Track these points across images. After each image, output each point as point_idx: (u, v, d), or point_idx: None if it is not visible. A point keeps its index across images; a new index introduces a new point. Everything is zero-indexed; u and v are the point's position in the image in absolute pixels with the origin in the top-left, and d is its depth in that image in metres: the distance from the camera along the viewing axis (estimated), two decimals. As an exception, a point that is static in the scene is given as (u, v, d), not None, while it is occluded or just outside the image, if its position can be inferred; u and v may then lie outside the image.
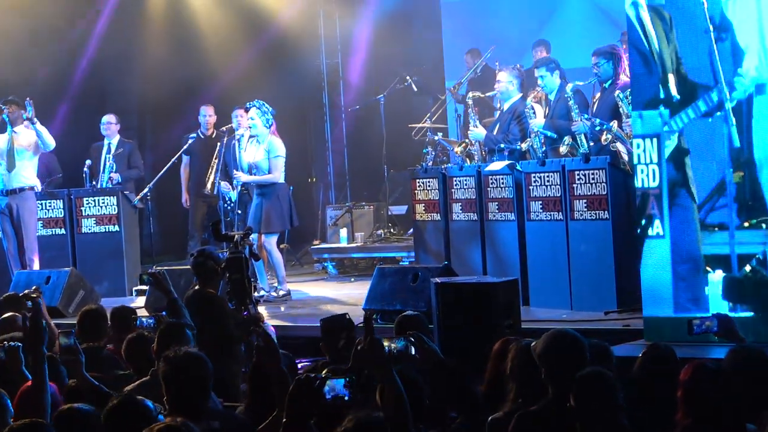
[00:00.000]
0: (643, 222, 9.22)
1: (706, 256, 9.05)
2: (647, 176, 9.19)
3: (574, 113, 11.65)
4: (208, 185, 14.61)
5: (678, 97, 9.01)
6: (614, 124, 11.06)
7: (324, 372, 5.41)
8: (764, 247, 8.82)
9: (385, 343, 5.79)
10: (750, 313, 8.85)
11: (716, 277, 9.00)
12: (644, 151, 9.19)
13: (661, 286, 9.18)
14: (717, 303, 8.93)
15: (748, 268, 8.88)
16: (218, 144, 14.34)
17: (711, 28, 8.87)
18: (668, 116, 9.02)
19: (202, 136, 15.26)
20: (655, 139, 9.15)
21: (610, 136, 11.01)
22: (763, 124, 8.80)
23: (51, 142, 13.54)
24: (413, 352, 6.16)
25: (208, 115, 15.33)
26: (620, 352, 8.65)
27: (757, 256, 8.85)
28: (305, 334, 10.63)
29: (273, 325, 9.81)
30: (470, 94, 13.49)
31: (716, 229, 9.07)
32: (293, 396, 5.19)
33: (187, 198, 15.48)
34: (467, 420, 6.16)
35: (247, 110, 13.15)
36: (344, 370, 5.41)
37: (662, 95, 9.05)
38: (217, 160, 14.38)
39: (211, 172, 14.56)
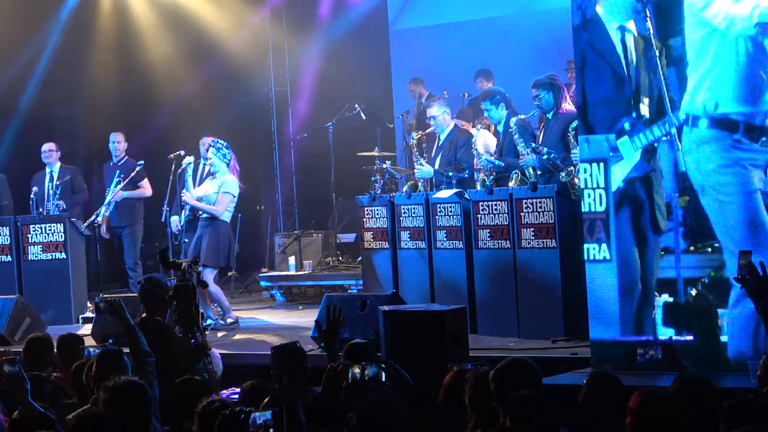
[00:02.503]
0: (590, 246, 9.28)
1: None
2: (594, 200, 9.25)
3: (520, 147, 11.70)
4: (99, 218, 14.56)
5: (647, 117, 9.09)
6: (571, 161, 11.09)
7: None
8: (709, 271, 8.93)
9: (356, 370, 5.85)
10: (691, 338, 8.93)
11: (662, 301, 9.10)
12: (590, 175, 9.26)
13: (607, 310, 9.22)
14: (663, 327, 9.01)
15: (693, 292, 8.98)
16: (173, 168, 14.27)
17: (657, 53, 8.99)
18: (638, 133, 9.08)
19: (111, 165, 15.08)
20: (602, 164, 9.22)
21: (571, 169, 11.02)
22: (694, 153, 8.90)
23: None
24: (384, 379, 6.20)
25: (116, 141, 15.03)
26: (567, 380, 8.72)
27: (702, 280, 8.94)
28: (253, 362, 10.59)
29: (220, 353, 9.78)
30: (414, 133, 13.53)
31: (663, 253, 9.16)
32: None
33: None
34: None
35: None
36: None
37: (633, 114, 9.11)
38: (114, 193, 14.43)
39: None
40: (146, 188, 14.83)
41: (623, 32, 9.17)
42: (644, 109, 9.07)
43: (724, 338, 8.78)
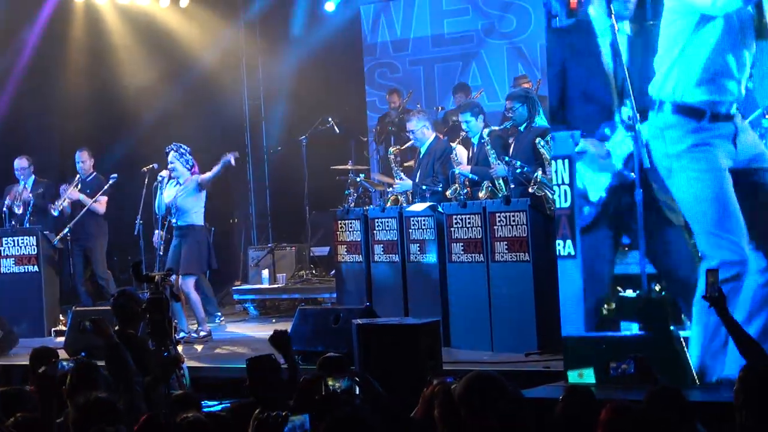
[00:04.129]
0: (558, 242, 9.37)
1: (617, 276, 9.25)
2: (560, 197, 9.36)
3: (491, 158, 11.76)
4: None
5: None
6: (540, 171, 11.15)
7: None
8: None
9: (329, 382, 5.85)
10: (643, 333, 9.05)
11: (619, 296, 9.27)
12: (556, 172, 9.37)
13: (573, 306, 9.33)
14: (622, 323, 9.18)
15: (657, 287, 9.08)
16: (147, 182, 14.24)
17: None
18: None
19: (79, 181, 14.97)
20: (566, 160, 9.32)
21: (537, 181, 11.09)
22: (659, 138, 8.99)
23: None
24: (357, 392, 6.19)
25: (81, 161, 14.86)
26: (541, 393, 8.73)
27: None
28: (226, 375, 10.58)
29: (194, 366, 9.77)
30: (391, 149, 13.55)
31: (627, 249, 9.25)
32: None
33: None
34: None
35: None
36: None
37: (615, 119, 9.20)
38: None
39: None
40: (101, 205, 14.65)
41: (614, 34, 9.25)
42: (625, 112, 9.16)
43: (685, 334, 8.88)
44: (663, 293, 9.09)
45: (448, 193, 12.03)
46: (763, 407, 5.90)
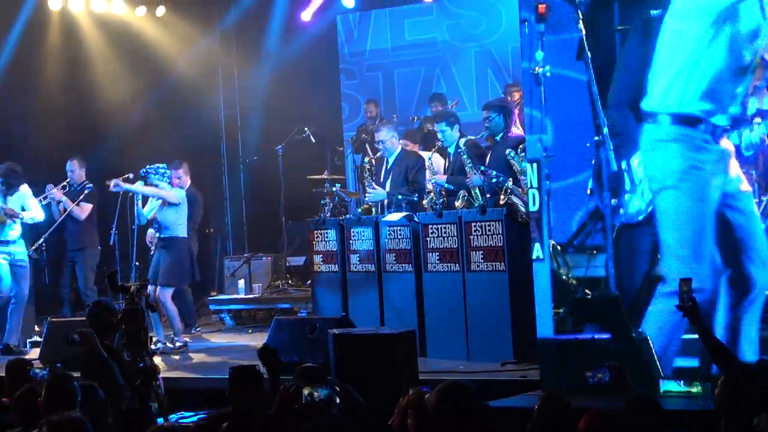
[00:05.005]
0: (532, 246, 9.49)
1: (584, 279, 9.39)
2: (531, 200, 9.47)
3: (467, 167, 11.78)
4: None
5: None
6: (510, 181, 11.18)
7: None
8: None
9: (306, 391, 5.84)
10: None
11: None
12: (526, 175, 9.48)
13: (544, 308, 9.43)
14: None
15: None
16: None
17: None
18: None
19: (69, 191, 14.87)
20: (535, 164, 9.42)
21: (507, 191, 11.12)
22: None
23: None
24: (337, 401, 6.19)
25: (71, 170, 14.71)
26: (517, 403, 8.76)
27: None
28: (202, 386, 10.57)
29: (170, 377, 9.75)
30: (366, 158, 13.55)
31: (595, 252, 9.33)
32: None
33: None
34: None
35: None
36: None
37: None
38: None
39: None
40: (83, 211, 14.58)
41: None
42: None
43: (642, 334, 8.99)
44: (617, 293, 9.19)
45: (424, 202, 12.04)
46: (744, 414, 5.94)
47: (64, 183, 14.59)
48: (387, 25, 18.01)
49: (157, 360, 10.07)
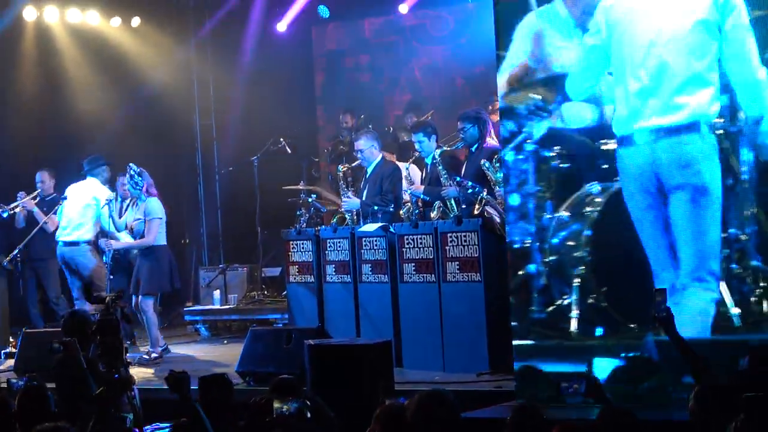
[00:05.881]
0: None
1: None
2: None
3: (443, 178, 11.80)
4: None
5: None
6: (485, 191, 11.20)
7: None
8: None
9: (277, 404, 5.84)
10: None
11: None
12: (501, 186, 9.65)
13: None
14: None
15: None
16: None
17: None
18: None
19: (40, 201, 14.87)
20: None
21: (482, 201, 11.14)
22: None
23: None
24: (308, 416, 6.19)
25: (40, 181, 14.82)
26: (492, 413, 8.77)
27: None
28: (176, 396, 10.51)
29: (146, 387, 9.72)
30: (340, 167, 13.54)
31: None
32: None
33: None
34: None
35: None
36: None
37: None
38: None
39: None
40: (53, 223, 14.56)
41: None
42: None
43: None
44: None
45: (401, 212, 12.06)
46: (717, 424, 5.96)
47: (35, 194, 14.56)
48: (362, 34, 18.06)
49: (133, 371, 10.05)
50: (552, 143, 9.37)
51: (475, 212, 11.12)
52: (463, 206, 11.55)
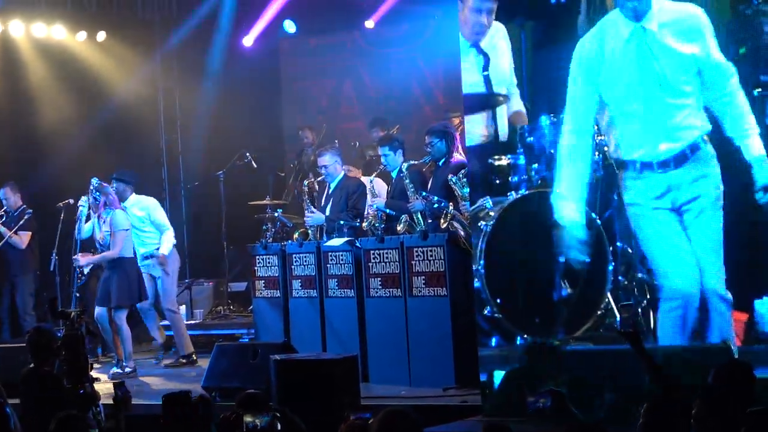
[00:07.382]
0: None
1: None
2: None
3: (410, 192, 11.82)
4: None
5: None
6: (451, 205, 11.23)
7: None
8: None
9: (248, 419, 5.83)
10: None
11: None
12: (467, 201, 9.78)
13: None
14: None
15: None
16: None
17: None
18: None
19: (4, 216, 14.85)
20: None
21: (448, 216, 11.17)
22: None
23: None
24: (279, 428, 6.18)
25: (4, 198, 14.83)
26: (458, 428, 8.79)
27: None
28: (143, 412, 10.48)
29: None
30: (306, 181, 13.53)
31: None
32: None
33: None
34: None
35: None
36: None
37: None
38: None
39: None
40: (23, 240, 14.55)
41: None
42: None
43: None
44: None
45: (364, 225, 12.07)
46: None
47: (0, 212, 14.51)
48: (327, 50, 18.08)
49: (98, 387, 10.00)
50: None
51: (442, 226, 11.14)
52: (429, 220, 11.57)
